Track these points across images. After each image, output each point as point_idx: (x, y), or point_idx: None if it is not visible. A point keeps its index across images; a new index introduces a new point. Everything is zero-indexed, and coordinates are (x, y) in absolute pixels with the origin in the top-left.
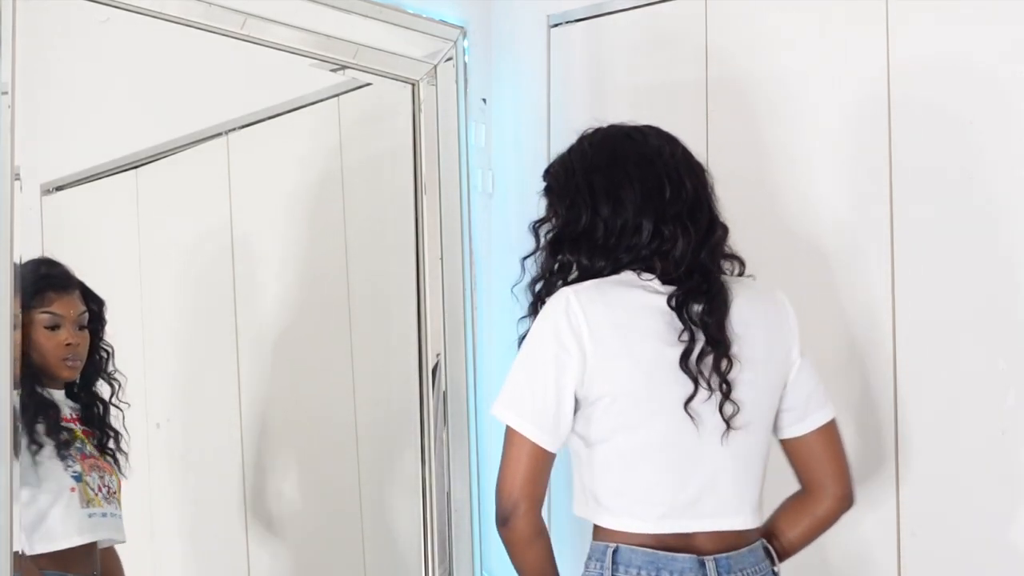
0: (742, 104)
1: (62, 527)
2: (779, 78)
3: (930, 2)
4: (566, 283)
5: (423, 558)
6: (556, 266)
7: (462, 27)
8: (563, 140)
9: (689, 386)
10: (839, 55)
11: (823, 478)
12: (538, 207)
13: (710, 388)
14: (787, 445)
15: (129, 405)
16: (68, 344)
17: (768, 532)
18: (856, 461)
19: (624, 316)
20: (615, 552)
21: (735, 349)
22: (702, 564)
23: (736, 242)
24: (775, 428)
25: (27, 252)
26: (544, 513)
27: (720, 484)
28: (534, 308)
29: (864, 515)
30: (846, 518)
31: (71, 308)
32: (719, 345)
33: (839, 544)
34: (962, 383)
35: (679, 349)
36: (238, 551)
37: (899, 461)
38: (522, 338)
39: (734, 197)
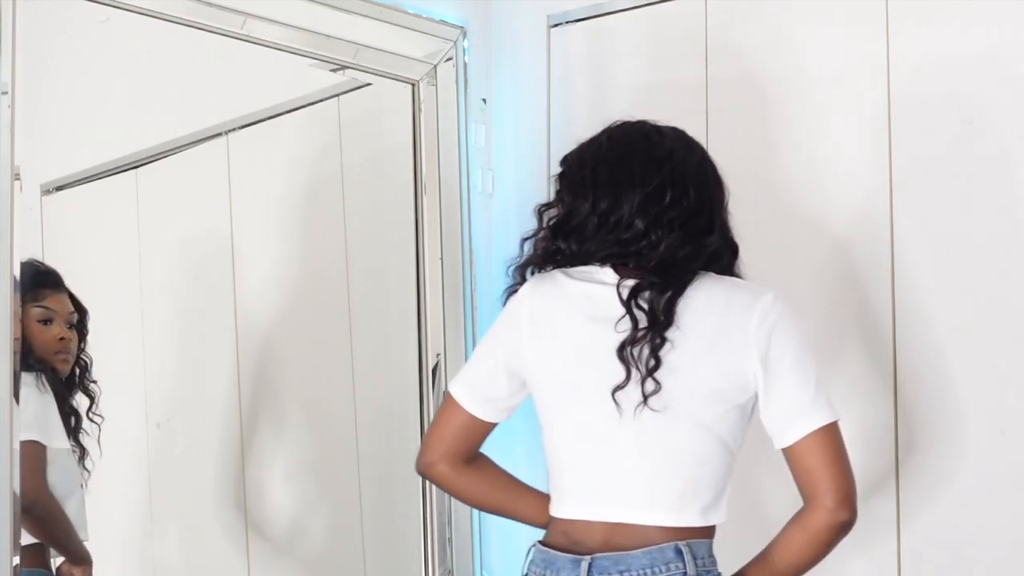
0: (742, 104)
1: (78, 523)
2: (779, 78)
3: (930, 2)
4: (557, 268)
5: (423, 558)
6: (553, 251)
7: (462, 27)
8: (563, 140)
9: (620, 373)
10: (839, 54)
11: (812, 489)
12: (548, 194)
13: (640, 372)
14: (785, 457)
15: (103, 418)
16: (61, 339)
17: (763, 552)
18: (856, 461)
19: (560, 303)
20: (530, 549)
21: (671, 332)
22: (578, 564)
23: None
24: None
25: (27, 252)
26: None
27: (630, 475)
28: (515, 290)
29: (864, 515)
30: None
31: (62, 305)
32: (657, 323)
33: (839, 545)
34: (962, 383)
35: (618, 336)
36: (238, 551)
37: (899, 461)
38: None
39: (734, 196)
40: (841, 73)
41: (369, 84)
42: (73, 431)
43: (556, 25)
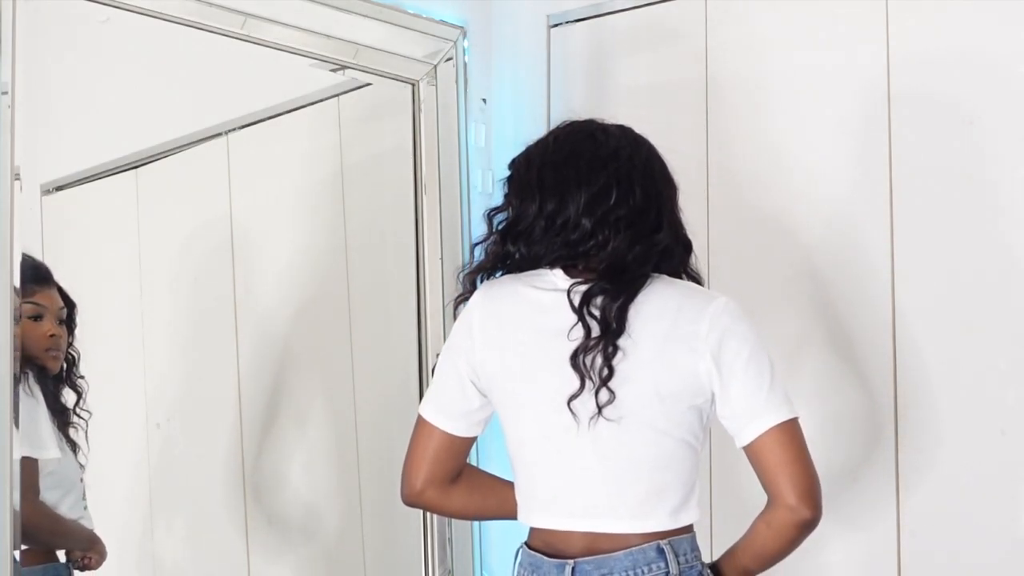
0: (742, 104)
1: (78, 515)
2: (779, 77)
3: (930, 2)
4: (508, 273)
5: (423, 558)
6: (503, 255)
7: (462, 27)
8: None
9: (574, 381)
10: (839, 54)
11: (774, 487)
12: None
13: (594, 381)
14: (747, 456)
15: (91, 414)
16: (52, 335)
17: (734, 545)
18: (856, 461)
19: (511, 310)
20: (518, 551)
21: (623, 340)
22: (562, 568)
23: (735, 242)
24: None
25: (27, 251)
26: None
27: (591, 483)
28: (465, 299)
29: (864, 514)
30: (838, 521)
31: (52, 301)
32: (609, 331)
33: (839, 544)
34: (962, 383)
35: (570, 344)
36: (238, 551)
37: (899, 461)
38: None
39: (734, 196)
40: (841, 73)
41: (369, 84)
42: (63, 427)
43: (556, 25)
